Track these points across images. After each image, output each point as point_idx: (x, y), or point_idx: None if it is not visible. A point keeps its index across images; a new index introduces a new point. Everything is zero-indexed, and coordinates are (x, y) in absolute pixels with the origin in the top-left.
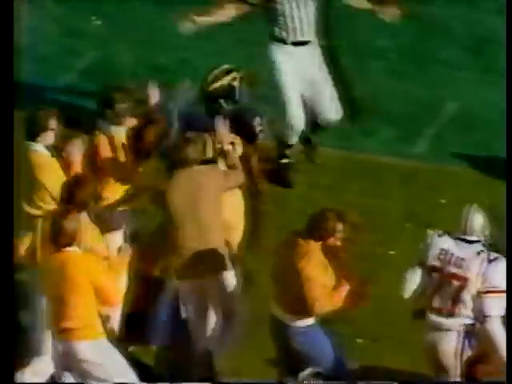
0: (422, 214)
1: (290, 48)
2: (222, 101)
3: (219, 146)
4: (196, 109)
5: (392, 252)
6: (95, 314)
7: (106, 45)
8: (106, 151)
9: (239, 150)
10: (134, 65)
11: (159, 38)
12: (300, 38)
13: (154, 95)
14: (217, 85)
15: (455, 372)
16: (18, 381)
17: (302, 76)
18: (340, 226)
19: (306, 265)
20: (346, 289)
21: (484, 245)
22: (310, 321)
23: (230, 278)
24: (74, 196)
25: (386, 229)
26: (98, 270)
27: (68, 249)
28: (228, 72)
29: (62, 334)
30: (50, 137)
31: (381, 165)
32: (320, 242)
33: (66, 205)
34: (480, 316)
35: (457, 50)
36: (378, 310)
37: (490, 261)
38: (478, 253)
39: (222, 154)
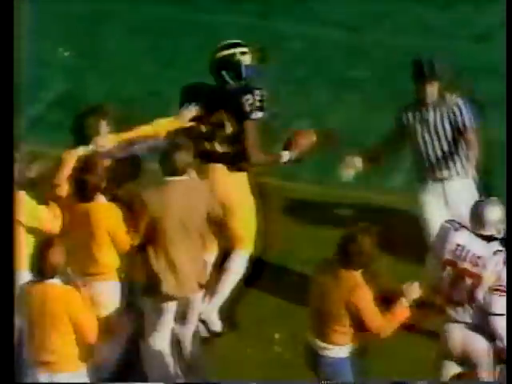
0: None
1: (434, 185)
2: (224, 72)
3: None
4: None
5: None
6: (74, 347)
7: (74, 76)
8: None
9: (228, 130)
10: (103, 96)
11: (130, 69)
12: (442, 175)
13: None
14: (222, 54)
15: (488, 369)
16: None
17: (450, 214)
18: (374, 241)
19: (358, 298)
20: (403, 309)
21: (501, 242)
22: (344, 353)
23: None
24: (86, 182)
25: None
26: (78, 305)
27: (50, 281)
28: (237, 45)
29: (42, 366)
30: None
31: (355, 199)
32: (361, 270)
33: (78, 192)
34: (485, 313)
35: None
36: None
37: (505, 263)
38: (495, 252)
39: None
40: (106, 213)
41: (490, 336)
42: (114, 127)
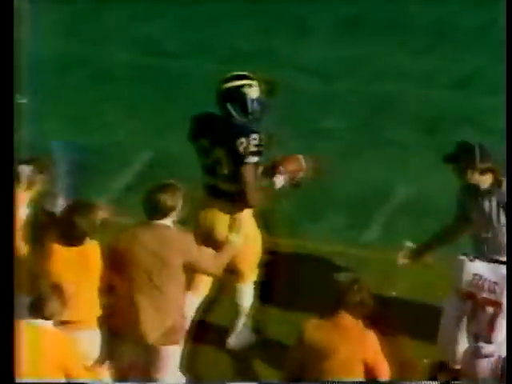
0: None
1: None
2: (228, 105)
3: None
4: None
5: None
6: None
7: (31, 124)
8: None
9: (225, 169)
10: None
11: (91, 118)
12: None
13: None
14: (227, 85)
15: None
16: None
17: None
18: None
19: (376, 351)
20: None
21: None
22: None
23: (175, 356)
24: (75, 226)
25: None
26: (71, 351)
27: (44, 322)
28: (244, 77)
29: None
30: None
31: (329, 253)
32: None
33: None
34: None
35: (408, 130)
36: None
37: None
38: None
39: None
40: (97, 252)
41: None
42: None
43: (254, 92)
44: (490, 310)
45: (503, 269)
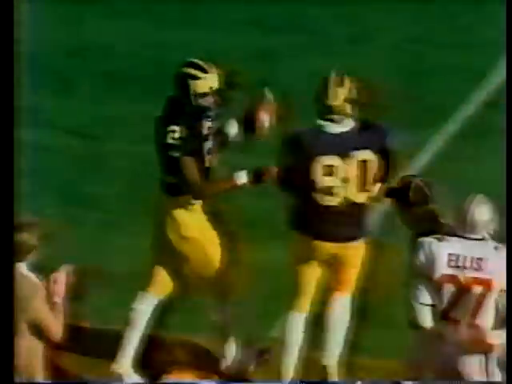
0: None
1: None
2: (177, 91)
3: None
4: None
5: None
6: None
7: None
8: None
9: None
10: None
11: None
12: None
13: None
14: (180, 70)
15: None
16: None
17: None
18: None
19: None
20: None
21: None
22: None
23: None
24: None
25: None
26: None
27: None
28: (198, 67)
29: None
30: None
31: None
32: None
33: None
34: (498, 316)
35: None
36: None
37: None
38: (496, 248)
39: None
40: None
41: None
42: None
43: (201, 86)
44: (477, 289)
45: (489, 244)
